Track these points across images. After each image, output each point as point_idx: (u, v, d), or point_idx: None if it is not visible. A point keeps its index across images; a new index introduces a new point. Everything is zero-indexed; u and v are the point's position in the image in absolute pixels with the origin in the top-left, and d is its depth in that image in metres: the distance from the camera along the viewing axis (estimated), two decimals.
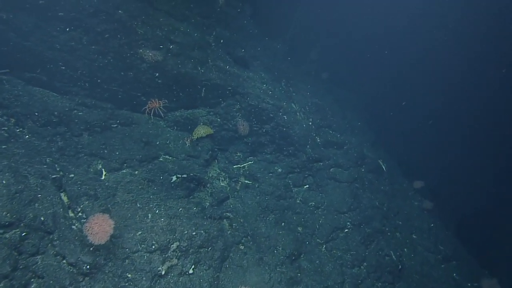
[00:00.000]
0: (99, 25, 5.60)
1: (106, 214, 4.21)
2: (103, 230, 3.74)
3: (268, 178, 7.72)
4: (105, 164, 6.05)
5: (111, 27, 5.75)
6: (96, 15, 5.54)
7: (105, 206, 5.02)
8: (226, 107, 7.75)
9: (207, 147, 7.63)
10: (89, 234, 3.70)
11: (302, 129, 7.90)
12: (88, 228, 3.73)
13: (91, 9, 5.49)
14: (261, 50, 9.53)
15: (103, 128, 6.41)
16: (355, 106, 12.15)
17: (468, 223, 10.29)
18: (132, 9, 6.03)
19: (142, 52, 5.83)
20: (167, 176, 6.55)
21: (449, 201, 11.49)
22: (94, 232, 3.69)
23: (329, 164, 7.91)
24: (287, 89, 9.27)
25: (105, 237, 3.75)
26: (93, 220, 3.81)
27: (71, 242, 4.03)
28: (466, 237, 10.17)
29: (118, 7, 5.79)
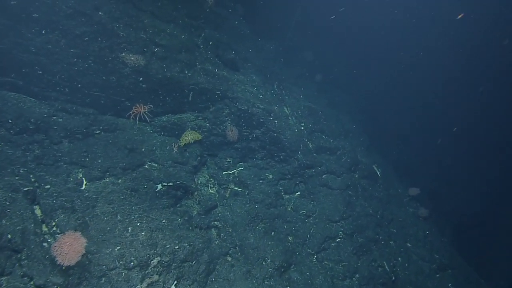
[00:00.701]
0: (77, 28, 5.32)
1: (78, 232, 3.95)
2: (74, 250, 3.49)
3: (259, 185, 7.48)
4: (86, 173, 5.78)
5: (91, 29, 5.47)
6: (74, 17, 5.26)
7: (83, 220, 4.76)
8: (215, 112, 7.49)
9: (195, 153, 7.38)
10: (58, 255, 3.45)
11: (293, 134, 7.65)
12: (57, 249, 3.48)
13: (68, 10, 5.21)
14: (253, 51, 9.26)
15: (85, 135, 6.14)
16: (350, 109, 11.91)
17: (465, 228, 10.12)
18: (113, 10, 5.74)
19: (124, 56, 5.56)
20: (152, 184, 6.30)
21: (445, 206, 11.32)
22: (63, 253, 3.44)
23: (321, 170, 7.68)
24: (279, 92, 9.02)
25: (75, 258, 3.49)
26: (63, 239, 3.55)
27: (41, 262, 3.78)
28: (463, 243, 10.00)
29: (98, 9, 5.50)
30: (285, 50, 11.64)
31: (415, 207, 8.86)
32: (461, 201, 11.65)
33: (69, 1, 5.19)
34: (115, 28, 5.69)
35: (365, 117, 12.82)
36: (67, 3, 5.17)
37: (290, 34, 12.88)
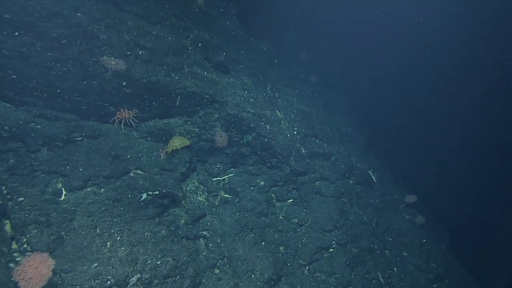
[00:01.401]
0: (54, 30, 5.03)
1: (45, 253, 3.67)
2: (39, 274, 3.22)
3: (249, 192, 7.22)
4: (66, 182, 5.51)
5: (69, 31, 5.17)
6: (49, 18, 4.97)
7: (58, 235, 4.49)
8: (204, 116, 7.22)
9: (184, 159, 7.10)
10: (21, 280, 3.17)
11: (286, 140, 7.38)
12: (19, 273, 3.20)
13: (43, 11, 4.91)
14: (245, 53, 8.97)
15: (65, 142, 5.85)
16: (347, 110, 11.65)
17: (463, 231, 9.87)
18: (93, 12, 5.45)
19: (104, 60, 5.26)
20: (137, 194, 6.02)
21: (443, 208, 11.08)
22: (26, 278, 3.16)
23: (314, 177, 7.41)
24: (272, 95, 8.74)
25: (41, 283, 3.22)
26: (28, 262, 3.28)
27: (5, 285, 3.50)
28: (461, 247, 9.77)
29: (76, 10, 5.21)
30: (280, 50, 11.35)
31: (412, 214, 8.61)
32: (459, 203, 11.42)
33: (43, 2, 4.90)
34: (95, 30, 5.39)
35: (362, 118, 12.56)
36: (41, 3, 4.88)
37: (290, 34, 12.59)
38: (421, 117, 14.17)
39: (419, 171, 12.94)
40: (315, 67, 12.04)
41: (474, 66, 12.83)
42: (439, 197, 11.63)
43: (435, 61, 13.53)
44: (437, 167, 12.90)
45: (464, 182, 12.02)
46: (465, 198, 11.54)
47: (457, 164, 12.54)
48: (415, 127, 14.13)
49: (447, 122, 13.30)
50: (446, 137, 13.02)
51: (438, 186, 12.18)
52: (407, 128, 14.13)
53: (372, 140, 12.02)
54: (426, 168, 13.02)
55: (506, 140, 11.80)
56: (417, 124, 14.18)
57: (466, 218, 11.16)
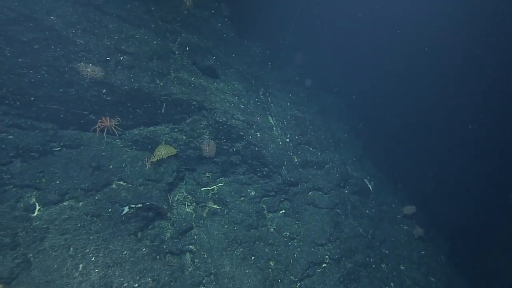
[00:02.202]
0: (24, 34, 4.69)
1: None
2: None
3: (239, 203, 6.89)
4: (40, 196, 5.18)
5: (41, 36, 4.83)
6: (19, 21, 4.62)
7: (24, 258, 4.15)
8: (192, 123, 6.88)
9: (171, 168, 6.77)
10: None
11: (277, 148, 7.05)
12: None
13: (11, 13, 4.57)
14: (236, 56, 8.63)
15: (41, 153, 5.52)
16: (343, 114, 11.31)
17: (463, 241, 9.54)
18: (68, 15, 5.10)
19: (80, 67, 4.92)
20: (118, 207, 5.69)
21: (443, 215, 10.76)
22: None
23: (307, 187, 7.08)
24: (264, 100, 8.40)
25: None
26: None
27: None
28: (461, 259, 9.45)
29: (49, 12, 4.86)
30: (274, 53, 11.02)
31: (410, 225, 8.27)
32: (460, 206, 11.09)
33: (11, 3, 4.55)
34: (71, 35, 5.05)
35: (360, 122, 12.23)
36: (9, 5, 4.54)
37: (289, 36, 12.24)
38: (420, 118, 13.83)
39: (418, 174, 12.62)
40: (311, 69, 11.70)
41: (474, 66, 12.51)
42: (438, 200, 11.31)
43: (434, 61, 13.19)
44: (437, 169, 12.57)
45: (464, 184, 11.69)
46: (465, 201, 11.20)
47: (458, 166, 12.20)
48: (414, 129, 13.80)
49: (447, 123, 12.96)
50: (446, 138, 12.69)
51: (438, 189, 11.84)
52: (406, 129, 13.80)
53: (369, 144, 11.70)
54: (425, 170, 12.69)
55: (506, 141, 11.48)
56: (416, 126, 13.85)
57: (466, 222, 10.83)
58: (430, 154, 12.87)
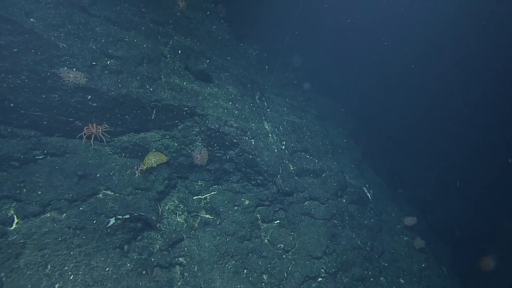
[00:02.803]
0: (2, 37, 4.43)
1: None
2: None
3: (232, 213, 6.62)
4: (20, 208, 4.93)
5: (20, 39, 4.57)
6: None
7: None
8: (183, 130, 6.62)
9: (162, 176, 6.52)
10: None
11: (272, 156, 6.78)
12: None
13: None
14: (232, 59, 8.36)
15: (23, 162, 5.27)
16: (342, 119, 11.04)
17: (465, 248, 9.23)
18: (50, 17, 4.84)
19: (62, 72, 4.66)
20: (103, 219, 5.44)
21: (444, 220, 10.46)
22: None
23: (303, 197, 6.81)
24: (260, 105, 8.13)
25: None
26: None
27: None
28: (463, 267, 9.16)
29: (28, 15, 4.60)
30: (271, 55, 10.76)
31: (410, 236, 7.98)
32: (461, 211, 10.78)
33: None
34: (53, 38, 4.79)
35: (359, 126, 11.96)
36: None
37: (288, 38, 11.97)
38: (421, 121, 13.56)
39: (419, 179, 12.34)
40: (310, 72, 11.43)
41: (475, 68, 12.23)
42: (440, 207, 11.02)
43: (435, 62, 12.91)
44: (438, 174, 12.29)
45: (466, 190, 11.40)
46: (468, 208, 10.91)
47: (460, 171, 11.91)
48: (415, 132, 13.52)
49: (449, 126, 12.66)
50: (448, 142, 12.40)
51: (439, 195, 11.56)
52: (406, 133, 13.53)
53: (369, 149, 11.43)
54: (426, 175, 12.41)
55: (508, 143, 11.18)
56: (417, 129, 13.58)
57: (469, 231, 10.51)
58: (431, 158, 12.59)
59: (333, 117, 10.45)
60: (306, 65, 11.44)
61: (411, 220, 7.78)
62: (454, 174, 12.00)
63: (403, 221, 7.87)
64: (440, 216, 10.29)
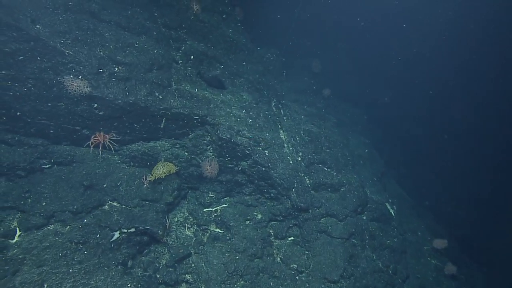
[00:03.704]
0: (7, 44, 4.28)
1: None
2: None
3: (243, 228, 6.25)
4: (23, 220, 4.78)
5: (26, 46, 4.42)
6: (1, 30, 4.23)
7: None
8: (194, 139, 6.33)
9: (172, 187, 6.26)
10: None
11: (287, 168, 6.35)
12: None
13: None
14: (247, 64, 8.01)
15: (29, 171, 5.14)
16: (364, 127, 10.41)
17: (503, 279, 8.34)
18: (57, 23, 4.67)
19: (66, 80, 4.46)
20: (108, 232, 5.22)
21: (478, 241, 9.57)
22: None
23: (319, 213, 6.33)
24: (276, 112, 7.72)
25: None
26: None
27: None
28: None
29: (34, 21, 4.44)
30: (289, 60, 10.32)
31: (440, 259, 7.26)
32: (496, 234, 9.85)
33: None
34: (59, 45, 4.61)
35: (382, 135, 11.27)
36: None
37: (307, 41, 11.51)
38: (451, 129, 12.63)
39: (448, 190, 11.47)
40: (330, 77, 10.89)
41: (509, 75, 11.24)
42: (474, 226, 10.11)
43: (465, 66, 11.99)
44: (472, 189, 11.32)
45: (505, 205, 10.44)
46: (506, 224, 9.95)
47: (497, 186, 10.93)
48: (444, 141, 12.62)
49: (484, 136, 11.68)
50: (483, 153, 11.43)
51: (472, 212, 10.63)
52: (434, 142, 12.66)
53: (392, 159, 10.73)
54: (457, 189, 11.50)
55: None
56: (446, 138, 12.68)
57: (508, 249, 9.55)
58: (462, 169, 11.68)
59: (354, 125, 9.86)
60: (326, 70, 10.90)
61: (441, 242, 7.05)
62: (490, 188, 11.05)
63: (432, 243, 7.16)
64: (474, 235, 9.40)
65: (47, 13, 4.64)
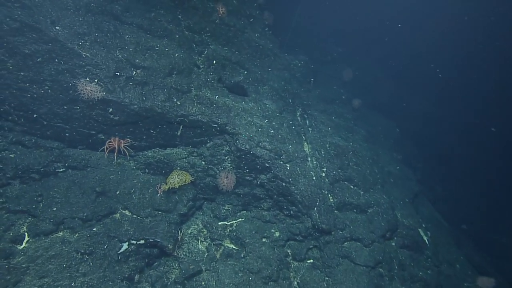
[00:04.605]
0: (27, 46, 4.18)
1: None
2: None
3: (259, 246, 5.82)
4: (32, 225, 4.65)
5: (44, 48, 4.30)
6: (21, 32, 4.13)
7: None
8: (212, 148, 6.01)
9: (187, 197, 5.98)
10: None
11: (309, 184, 5.85)
12: None
13: (14, 24, 4.09)
14: (273, 70, 7.62)
15: (43, 174, 5.04)
16: (396, 141, 9.64)
17: None
18: (77, 25, 4.52)
19: (79, 84, 4.29)
20: (116, 243, 4.99)
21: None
22: None
23: (343, 236, 5.76)
24: (301, 123, 7.25)
25: None
26: None
27: None
28: None
29: (54, 23, 4.31)
30: (318, 67, 9.81)
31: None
32: None
33: (13, 12, 4.05)
34: (76, 47, 4.45)
35: (415, 150, 10.41)
36: (11, 14, 4.05)
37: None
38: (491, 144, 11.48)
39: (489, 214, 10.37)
40: (360, 86, 10.23)
41: None
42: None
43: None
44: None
45: None
46: None
47: None
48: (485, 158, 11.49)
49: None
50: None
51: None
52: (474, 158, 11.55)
53: (427, 177, 9.85)
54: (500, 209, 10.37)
55: None
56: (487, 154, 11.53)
57: None
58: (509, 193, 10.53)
59: (385, 138, 9.14)
60: (358, 79, 10.27)
61: (487, 281, 6.13)
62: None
63: (476, 280, 6.28)
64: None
65: (68, 15, 4.51)
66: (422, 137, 11.10)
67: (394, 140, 9.41)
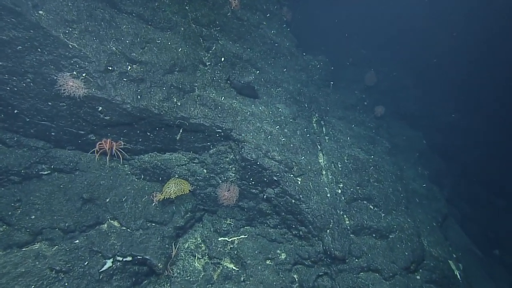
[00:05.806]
0: (4, 31, 3.65)
1: None
2: None
3: (262, 269, 5.12)
4: (5, 234, 4.13)
5: (25, 35, 3.76)
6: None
7: None
8: (215, 155, 5.36)
9: (185, 207, 5.36)
10: None
11: (323, 203, 5.10)
12: None
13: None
14: (288, 71, 6.90)
15: (24, 177, 4.52)
16: (422, 154, 8.71)
17: None
18: (65, 10, 3.97)
19: (61, 78, 3.72)
20: (99, 259, 4.41)
21: None
22: None
23: (358, 264, 4.97)
24: (318, 131, 6.50)
25: None
26: None
27: None
28: None
29: (36, 6, 3.75)
30: (339, 69, 8.99)
31: None
32: None
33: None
34: (62, 35, 3.88)
35: (443, 165, 9.42)
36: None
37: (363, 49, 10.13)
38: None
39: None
40: (384, 92, 9.35)
41: None
42: None
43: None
44: None
45: None
46: None
47: None
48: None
49: None
50: None
51: None
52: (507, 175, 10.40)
53: (456, 196, 8.86)
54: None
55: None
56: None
57: None
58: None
59: (410, 151, 8.23)
60: (381, 84, 9.38)
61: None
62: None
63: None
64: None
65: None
66: (450, 150, 10.08)
67: (420, 153, 8.49)
